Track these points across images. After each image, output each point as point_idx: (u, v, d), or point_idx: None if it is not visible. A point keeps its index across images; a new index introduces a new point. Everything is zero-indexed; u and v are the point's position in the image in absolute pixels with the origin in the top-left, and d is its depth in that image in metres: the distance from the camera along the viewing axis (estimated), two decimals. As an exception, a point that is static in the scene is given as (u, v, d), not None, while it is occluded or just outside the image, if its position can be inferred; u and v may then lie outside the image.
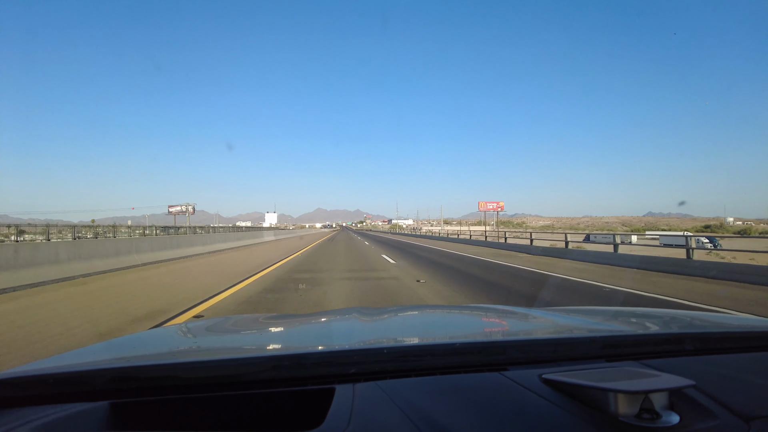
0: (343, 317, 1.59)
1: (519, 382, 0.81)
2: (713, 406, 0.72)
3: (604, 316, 1.56)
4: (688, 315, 1.52)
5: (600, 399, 0.70)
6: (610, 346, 1.01)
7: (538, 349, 1.00)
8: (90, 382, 0.82)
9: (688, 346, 1.01)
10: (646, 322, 1.40)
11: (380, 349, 0.96)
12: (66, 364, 0.92)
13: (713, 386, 0.78)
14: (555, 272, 9.29)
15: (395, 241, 31.44)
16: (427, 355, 0.95)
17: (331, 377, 0.84)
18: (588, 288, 7.08)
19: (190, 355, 1.09)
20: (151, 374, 0.84)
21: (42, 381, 0.83)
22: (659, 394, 0.69)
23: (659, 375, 0.76)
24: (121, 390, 0.82)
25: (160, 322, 4.43)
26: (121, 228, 28.94)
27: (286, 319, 1.81)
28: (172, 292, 6.30)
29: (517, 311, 1.70)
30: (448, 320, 1.64)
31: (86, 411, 0.78)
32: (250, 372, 0.84)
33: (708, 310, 5.07)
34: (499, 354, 0.96)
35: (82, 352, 1.09)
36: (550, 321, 1.45)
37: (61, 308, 5.13)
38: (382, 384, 0.81)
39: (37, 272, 6.99)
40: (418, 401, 0.74)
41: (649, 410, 0.68)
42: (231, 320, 1.68)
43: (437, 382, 0.82)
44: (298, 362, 0.88)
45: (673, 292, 6.58)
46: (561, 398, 0.74)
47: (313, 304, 5.35)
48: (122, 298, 5.78)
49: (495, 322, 1.51)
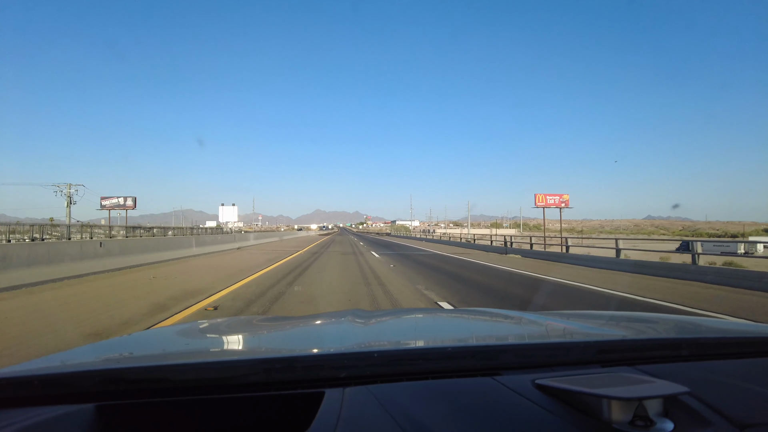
0: (338, 320, 1.58)
1: (512, 387, 0.80)
2: (708, 413, 0.71)
3: (599, 320, 1.55)
4: (685, 320, 1.52)
5: (593, 405, 0.69)
6: (605, 351, 1.00)
7: (532, 353, 1.00)
8: (77, 384, 0.81)
9: (684, 352, 1.00)
10: (641, 327, 1.39)
11: (371, 352, 0.95)
12: (53, 366, 0.91)
13: (708, 393, 0.77)
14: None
15: (444, 258, 15.76)
16: (419, 359, 0.94)
17: (322, 381, 0.83)
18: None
19: (179, 357, 1.08)
20: (140, 376, 0.83)
21: (27, 382, 0.82)
22: (653, 400, 0.69)
23: (654, 381, 0.75)
24: (109, 392, 0.81)
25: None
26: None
27: (280, 322, 1.80)
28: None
29: (511, 315, 1.70)
30: (442, 324, 1.63)
31: (73, 413, 0.76)
32: (239, 375, 0.83)
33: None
34: (492, 359, 0.95)
35: (70, 353, 1.07)
36: (544, 325, 1.44)
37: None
38: (373, 388, 0.80)
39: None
40: (409, 406, 0.73)
41: (643, 417, 0.67)
42: (225, 322, 1.67)
43: (429, 387, 0.81)
44: (288, 365, 0.88)
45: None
46: (554, 404, 0.74)
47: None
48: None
49: (489, 326, 1.50)
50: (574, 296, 7.08)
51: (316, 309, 5.51)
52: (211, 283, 7.82)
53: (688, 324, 1.44)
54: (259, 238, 25.34)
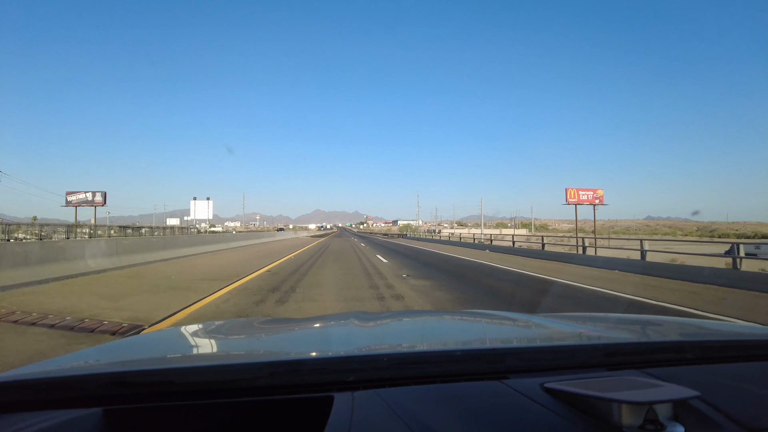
0: (340, 323, 1.57)
1: (520, 390, 0.79)
2: (717, 416, 0.71)
3: (605, 323, 1.54)
4: (692, 323, 1.50)
5: (603, 409, 0.69)
6: (612, 354, 0.99)
7: (538, 356, 0.99)
8: (83, 387, 0.80)
9: (690, 355, 0.99)
10: (648, 330, 1.38)
11: (379, 356, 0.94)
12: (58, 369, 0.90)
13: (717, 396, 0.76)
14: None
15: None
16: (426, 362, 0.93)
17: (329, 385, 0.82)
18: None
19: (184, 360, 1.07)
20: (146, 379, 0.82)
21: (34, 386, 0.81)
22: (664, 404, 0.68)
23: (663, 385, 0.75)
24: (114, 396, 0.80)
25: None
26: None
27: (282, 324, 1.79)
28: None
29: (517, 318, 1.68)
30: (446, 327, 1.62)
31: (79, 418, 0.75)
32: (245, 378, 0.82)
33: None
34: (498, 362, 0.94)
35: (74, 356, 1.06)
36: (550, 328, 1.43)
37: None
38: (382, 392, 0.79)
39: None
40: (417, 410, 0.72)
41: (653, 421, 0.66)
42: (227, 324, 1.66)
43: (437, 391, 0.81)
44: (294, 369, 0.86)
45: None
46: (563, 407, 0.73)
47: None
48: None
49: (494, 329, 1.49)
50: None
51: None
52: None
53: (694, 327, 1.43)
54: (196, 245, 14.62)
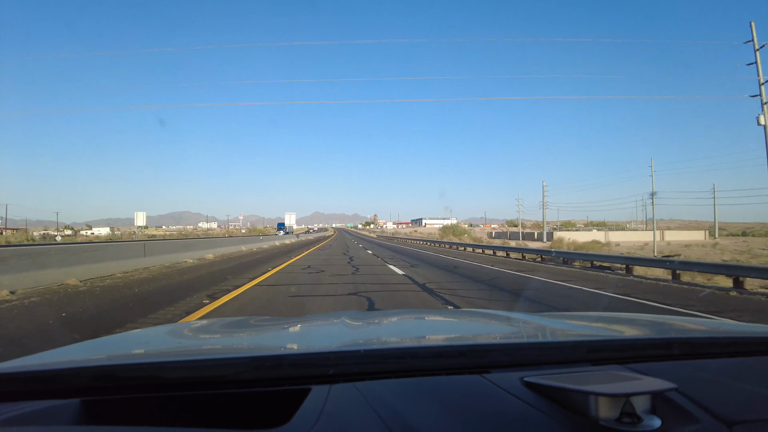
0: (332, 321, 1.60)
1: (500, 385, 0.80)
2: (695, 410, 0.72)
3: (589, 320, 1.56)
4: (675, 320, 1.53)
5: (581, 403, 0.69)
6: (595, 350, 1.00)
7: (521, 352, 1.00)
8: (65, 380, 0.81)
9: (674, 351, 1.01)
10: (631, 327, 1.41)
11: (357, 350, 0.96)
12: (41, 363, 0.91)
13: (696, 390, 0.77)
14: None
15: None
16: (407, 357, 0.94)
17: (310, 378, 0.83)
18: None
19: (169, 355, 1.09)
20: (130, 374, 0.83)
21: (12, 379, 0.81)
22: (641, 397, 0.69)
23: (641, 378, 0.76)
24: (97, 388, 0.81)
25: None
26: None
27: (274, 323, 1.81)
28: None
29: (502, 315, 1.71)
30: (433, 324, 1.65)
31: (58, 407, 0.77)
32: (228, 373, 0.83)
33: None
34: (481, 357, 0.95)
35: (61, 351, 1.07)
36: (535, 324, 1.45)
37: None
38: (360, 385, 0.80)
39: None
40: (395, 403, 0.73)
41: (630, 414, 0.67)
42: (219, 322, 1.69)
43: (417, 385, 0.82)
44: (276, 363, 0.88)
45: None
46: (542, 402, 0.73)
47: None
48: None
49: (479, 326, 1.51)
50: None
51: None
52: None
53: (677, 323, 1.46)
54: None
